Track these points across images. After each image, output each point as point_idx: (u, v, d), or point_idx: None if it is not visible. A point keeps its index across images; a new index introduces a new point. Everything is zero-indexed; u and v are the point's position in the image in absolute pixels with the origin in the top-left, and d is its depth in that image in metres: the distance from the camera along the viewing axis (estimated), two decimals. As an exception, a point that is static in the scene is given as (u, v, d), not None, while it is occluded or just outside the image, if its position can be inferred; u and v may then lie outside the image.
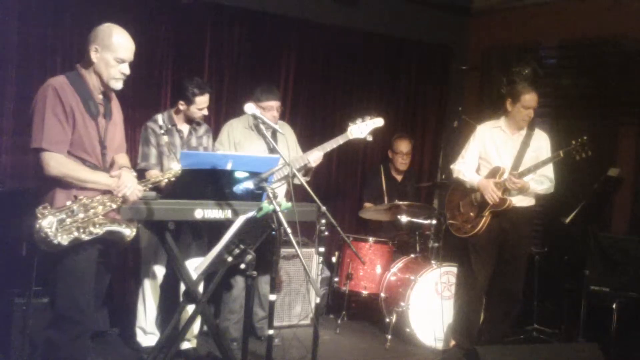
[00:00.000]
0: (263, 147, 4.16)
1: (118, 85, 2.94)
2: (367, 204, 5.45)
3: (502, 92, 5.29)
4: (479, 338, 4.37)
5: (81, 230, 2.71)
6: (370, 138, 4.09)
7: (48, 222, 2.62)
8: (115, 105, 3.10)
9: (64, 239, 2.65)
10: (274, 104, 4.12)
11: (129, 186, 2.88)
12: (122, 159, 3.10)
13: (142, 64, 4.62)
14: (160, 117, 3.86)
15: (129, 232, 2.89)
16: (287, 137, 3.97)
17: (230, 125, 4.25)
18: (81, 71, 2.90)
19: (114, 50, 2.87)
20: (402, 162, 5.49)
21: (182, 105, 3.86)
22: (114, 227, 2.85)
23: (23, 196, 3.82)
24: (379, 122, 4.08)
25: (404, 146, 5.48)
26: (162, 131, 3.21)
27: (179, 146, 3.90)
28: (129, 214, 3.07)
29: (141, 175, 3.54)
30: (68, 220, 2.68)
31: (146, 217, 3.23)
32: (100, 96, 2.95)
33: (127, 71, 2.94)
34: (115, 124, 3.06)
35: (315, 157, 4.01)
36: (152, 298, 3.96)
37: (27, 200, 3.80)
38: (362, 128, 4.04)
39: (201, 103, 3.83)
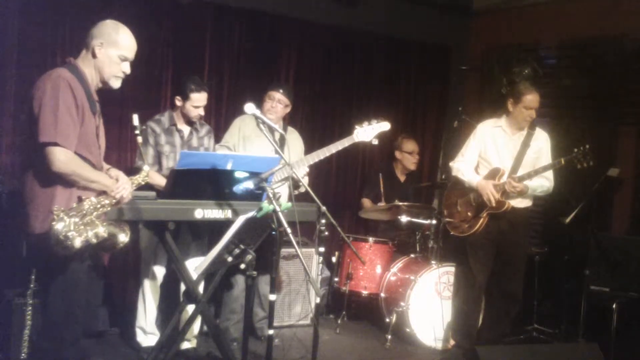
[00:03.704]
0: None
1: (117, 83, 2.88)
2: (366, 200, 5.45)
3: (502, 92, 5.29)
4: (478, 338, 4.37)
5: (90, 233, 2.63)
6: (375, 142, 4.10)
7: (65, 224, 2.53)
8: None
9: (77, 242, 2.56)
10: (275, 94, 4.14)
11: (127, 188, 2.84)
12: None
13: (142, 64, 4.60)
14: (160, 117, 3.88)
15: (123, 237, 2.80)
16: (289, 140, 3.96)
17: (243, 120, 4.24)
18: (79, 66, 2.80)
19: (120, 47, 2.81)
20: (413, 161, 5.54)
21: (178, 101, 3.88)
22: (113, 230, 2.77)
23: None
24: (385, 126, 4.10)
25: (414, 145, 5.52)
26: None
27: (178, 146, 3.91)
28: (130, 214, 3.08)
29: (135, 173, 3.53)
30: (79, 222, 2.60)
31: (146, 217, 3.23)
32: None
33: (128, 70, 2.87)
34: (102, 124, 2.95)
35: (300, 173, 3.96)
36: (152, 298, 3.96)
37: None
38: (369, 131, 4.06)
39: (196, 100, 3.82)
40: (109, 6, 4.24)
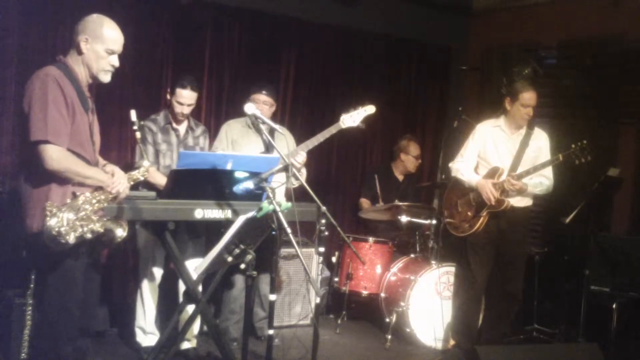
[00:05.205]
0: (260, 145, 4.17)
1: (107, 77, 2.87)
2: (364, 201, 5.45)
3: (502, 92, 5.28)
4: (478, 338, 4.38)
5: (85, 228, 2.62)
6: (362, 126, 4.09)
7: (58, 220, 2.53)
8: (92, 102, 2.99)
9: (71, 238, 2.56)
10: (260, 97, 4.14)
11: (123, 183, 2.83)
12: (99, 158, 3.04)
13: (142, 64, 4.63)
14: (156, 116, 3.90)
15: (120, 231, 2.79)
16: (287, 138, 3.97)
17: (229, 125, 4.28)
18: (69, 63, 2.80)
19: (105, 41, 2.80)
20: (416, 164, 5.56)
21: (169, 95, 3.92)
22: (109, 225, 2.76)
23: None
24: (370, 109, 4.07)
25: (418, 149, 5.53)
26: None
27: (175, 144, 3.93)
28: (130, 214, 3.07)
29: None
30: (73, 217, 2.59)
31: (146, 217, 3.23)
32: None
33: (117, 63, 2.86)
34: (96, 121, 2.96)
35: (300, 158, 4.00)
36: (150, 298, 3.96)
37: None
38: (355, 117, 4.04)
39: (180, 96, 3.83)
40: (110, 6, 4.23)
